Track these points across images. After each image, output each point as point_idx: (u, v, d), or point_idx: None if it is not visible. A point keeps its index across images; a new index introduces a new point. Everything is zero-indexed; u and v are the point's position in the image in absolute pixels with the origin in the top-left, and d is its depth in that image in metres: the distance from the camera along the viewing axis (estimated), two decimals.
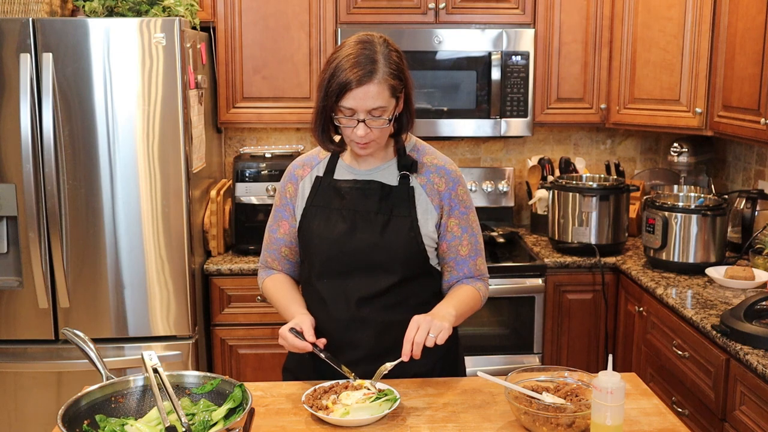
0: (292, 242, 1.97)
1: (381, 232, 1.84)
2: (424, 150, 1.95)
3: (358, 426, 1.63)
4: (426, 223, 1.87)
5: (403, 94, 1.81)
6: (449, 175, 1.91)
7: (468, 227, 1.92)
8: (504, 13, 3.38)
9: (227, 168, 3.72)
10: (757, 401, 2.09)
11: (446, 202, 1.89)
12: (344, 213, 1.87)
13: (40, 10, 2.80)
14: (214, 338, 3.17)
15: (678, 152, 3.46)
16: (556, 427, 1.57)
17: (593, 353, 3.25)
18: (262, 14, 3.32)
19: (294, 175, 1.97)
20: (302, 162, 1.98)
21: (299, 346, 1.77)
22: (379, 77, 1.73)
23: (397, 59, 1.78)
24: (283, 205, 1.97)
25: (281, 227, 1.97)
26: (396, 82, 1.76)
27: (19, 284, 2.85)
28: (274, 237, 1.99)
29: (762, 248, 2.86)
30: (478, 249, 1.94)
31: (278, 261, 2.01)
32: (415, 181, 1.89)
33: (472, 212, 1.94)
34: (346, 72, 1.71)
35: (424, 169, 1.90)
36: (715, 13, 3.02)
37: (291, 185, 1.96)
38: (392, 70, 1.75)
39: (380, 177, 1.89)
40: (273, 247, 2.00)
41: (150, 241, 2.85)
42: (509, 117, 3.36)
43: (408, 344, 1.70)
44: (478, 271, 1.95)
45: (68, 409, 1.48)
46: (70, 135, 2.77)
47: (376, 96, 1.73)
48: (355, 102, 1.73)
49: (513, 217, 3.77)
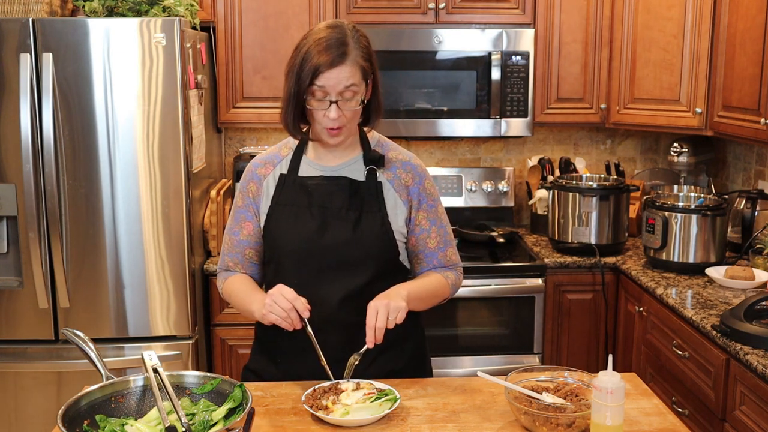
0: (257, 243, 1.92)
1: (353, 228, 1.83)
2: (387, 146, 1.94)
3: (358, 426, 1.63)
4: (396, 218, 1.87)
5: (372, 81, 1.82)
6: (415, 170, 1.91)
7: (436, 219, 1.92)
8: (504, 13, 3.38)
9: (227, 168, 3.72)
10: (757, 401, 2.09)
11: (414, 196, 1.89)
12: (313, 210, 1.84)
13: (40, 10, 2.80)
14: (214, 338, 3.17)
15: (678, 152, 3.46)
16: (556, 427, 1.57)
17: (593, 353, 3.25)
18: (262, 14, 3.32)
19: (256, 174, 1.92)
20: (263, 160, 1.94)
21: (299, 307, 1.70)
22: (351, 59, 1.74)
23: (366, 44, 1.80)
24: (246, 205, 1.92)
25: (244, 228, 1.92)
26: (366, 65, 1.78)
27: (19, 284, 2.85)
28: (236, 240, 1.93)
29: (762, 248, 2.86)
30: (447, 240, 1.94)
31: (242, 264, 1.95)
32: (383, 177, 1.88)
33: (439, 204, 1.94)
34: (319, 55, 1.72)
35: (390, 164, 1.90)
36: (715, 13, 3.02)
37: (253, 184, 1.91)
38: (363, 53, 1.77)
39: (347, 173, 1.88)
40: (236, 250, 1.94)
41: (150, 241, 2.85)
42: (509, 117, 3.36)
43: (371, 331, 1.69)
44: (448, 261, 1.95)
45: (68, 409, 1.48)
46: (70, 135, 2.77)
47: (348, 76, 1.74)
48: (327, 82, 1.73)
49: (513, 217, 3.77)
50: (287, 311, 1.70)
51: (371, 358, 1.85)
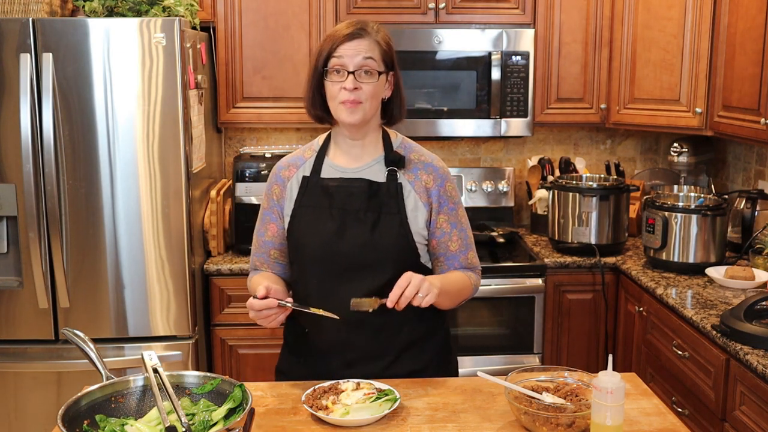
0: (281, 244, 1.96)
1: (371, 230, 1.84)
2: (410, 147, 1.95)
3: (358, 426, 1.63)
4: (416, 220, 1.87)
5: (393, 77, 1.87)
6: (437, 172, 1.91)
7: (457, 223, 1.92)
8: (504, 13, 3.38)
9: (227, 168, 3.72)
10: (757, 401, 2.09)
11: (435, 198, 1.89)
12: (333, 212, 1.86)
13: (40, 10, 2.80)
14: (214, 338, 3.17)
15: (678, 152, 3.46)
16: (556, 427, 1.57)
17: (593, 353, 3.25)
18: (262, 14, 3.32)
19: (280, 176, 1.95)
20: (287, 163, 1.97)
21: (263, 305, 1.71)
22: (370, 36, 1.81)
23: (388, 38, 1.86)
24: (270, 207, 1.95)
25: (269, 230, 1.96)
26: (387, 49, 1.83)
27: (19, 284, 2.85)
28: (262, 240, 1.97)
29: (762, 248, 2.86)
30: (468, 243, 1.95)
31: (268, 264, 1.98)
32: (403, 178, 1.89)
33: (460, 208, 1.94)
34: (338, 31, 1.82)
35: (412, 165, 1.90)
36: (715, 13, 3.02)
37: (277, 187, 1.94)
38: (383, 40, 1.84)
39: (367, 174, 1.89)
40: (262, 251, 1.98)
41: (150, 241, 2.85)
42: (509, 117, 3.36)
43: (398, 290, 1.69)
44: (469, 264, 1.96)
45: (68, 409, 1.48)
46: (70, 135, 2.77)
47: (367, 49, 1.80)
48: (345, 52, 1.79)
49: (513, 217, 3.77)
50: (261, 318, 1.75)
51: (393, 356, 1.88)
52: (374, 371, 1.85)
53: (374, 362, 1.87)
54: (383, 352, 1.88)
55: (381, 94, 1.85)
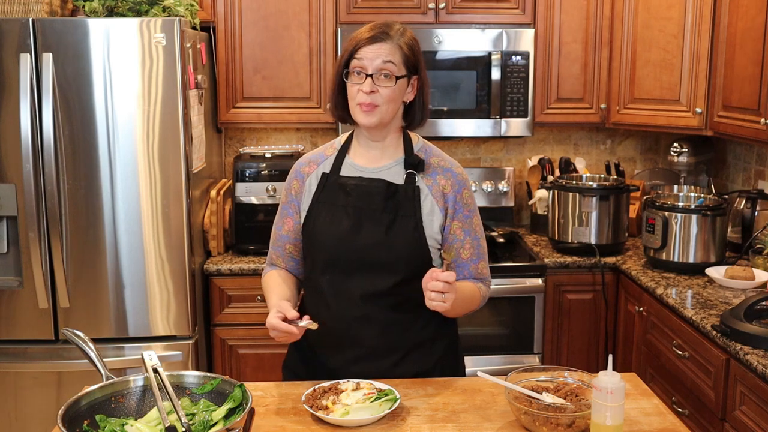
0: (296, 239, 1.97)
1: (386, 231, 1.84)
2: (431, 151, 1.95)
3: (358, 426, 1.63)
4: (431, 224, 1.87)
5: (417, 81, 1.87)
6: (456, 178, 1.91)
7: (471, 231, 1.92)
8: (504, 13, 3.38)
9: (227, 168, 3.72)
10: (757, 401, 2.09)
11: (450, 204, 1.89)
12: (349, 210, 1.87)
13: (40, 10, 2.80)
14: (214, 338, 3.17)
15: (678, 152, 3.46)
16: (556, 427, 1.57)
17: (593, 353, 3.25)
18: (262, 14, 3.32)
19: (300, 172, 1.97)
20: (308, 159, 1.99)
21: (284, 329, 1.73)
22: (393, 41, 1.82)
23: (413, 41, 1.87)
24: (288, 202, 1.97)
25: (286, 224, 1.98)
26: (409, 53, 1.84)
27: (19, 284, 2.85)
28: (278, 234, 2.00)
29: (762, 248, 2.86)
30: (480, 253, 1.94)
31: (282, 258, 2.01)
32: (422, 182, 1.89)
33: (476, 216, 1.94)
34: (361, 34, 1.83)
35: (431, 169, 1.91)
36: (715, 13, 3.02)
37: (297, 182, 1.96)
38: (407, 43, 1.84)
39: (386, 176, 1.90)
40: (278, 244, 2.00)
41: (150, 241, 2.85)
42: (509, 117, 3.36)
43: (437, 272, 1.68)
44: (479, 274, 1.95)
45: (68, 409, 1.48)
46: (70, 135, 2.77)
47: (387, 53, 1.80)
48: (366, 55, 1.80)
49: (513, 217, 3.77)
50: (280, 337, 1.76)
51: (401, 355, 1.89)
52: (382, 368, 1.86)
53: (382, 359, 1.87)
54: (392, 350, 1.88)
55: (400, 98, 1.85)
